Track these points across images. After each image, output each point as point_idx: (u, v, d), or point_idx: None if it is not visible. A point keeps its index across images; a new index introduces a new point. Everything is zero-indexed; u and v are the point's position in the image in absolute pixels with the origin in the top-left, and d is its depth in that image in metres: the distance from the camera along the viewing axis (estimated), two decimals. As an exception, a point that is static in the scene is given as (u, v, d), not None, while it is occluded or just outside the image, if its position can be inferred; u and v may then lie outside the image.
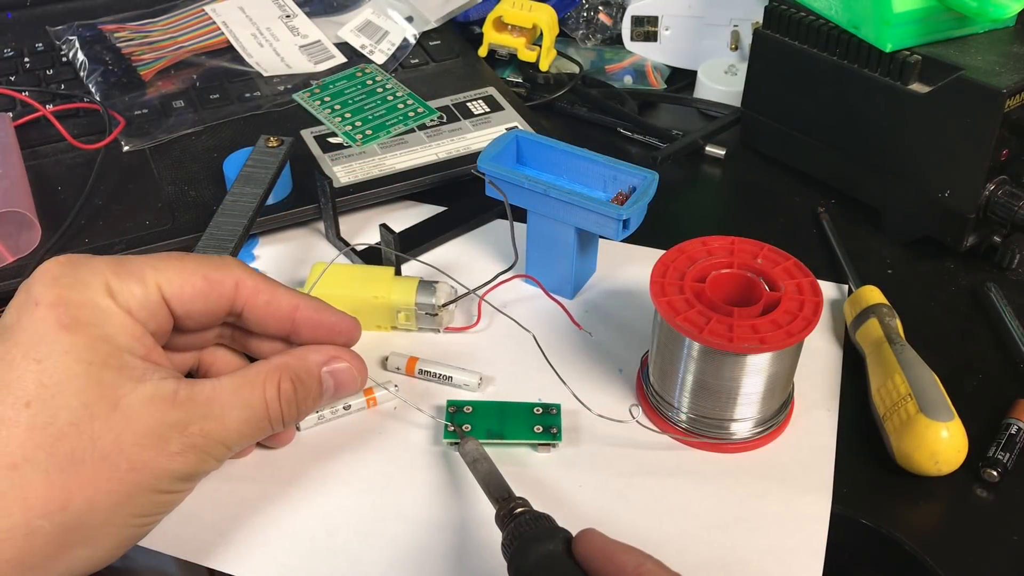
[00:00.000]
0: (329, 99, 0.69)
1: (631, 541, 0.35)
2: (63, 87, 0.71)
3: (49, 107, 0.67)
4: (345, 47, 0.76)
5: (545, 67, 0.77)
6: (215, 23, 0.76)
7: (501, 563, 0.37)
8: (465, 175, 0.63)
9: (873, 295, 0.53)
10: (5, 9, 0.80)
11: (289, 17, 0.78)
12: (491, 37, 0.77)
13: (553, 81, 0.76)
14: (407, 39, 0.76)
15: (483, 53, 0.77)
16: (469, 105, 0.70)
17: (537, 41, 0.77)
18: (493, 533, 0.39)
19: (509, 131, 0.57)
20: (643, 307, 0.55)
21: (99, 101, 0.68)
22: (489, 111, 0.69)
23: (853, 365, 0.52)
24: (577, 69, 0.78)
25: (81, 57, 0.72)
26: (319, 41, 0.76)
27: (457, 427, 0.47)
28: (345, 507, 0.44)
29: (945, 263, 0.60)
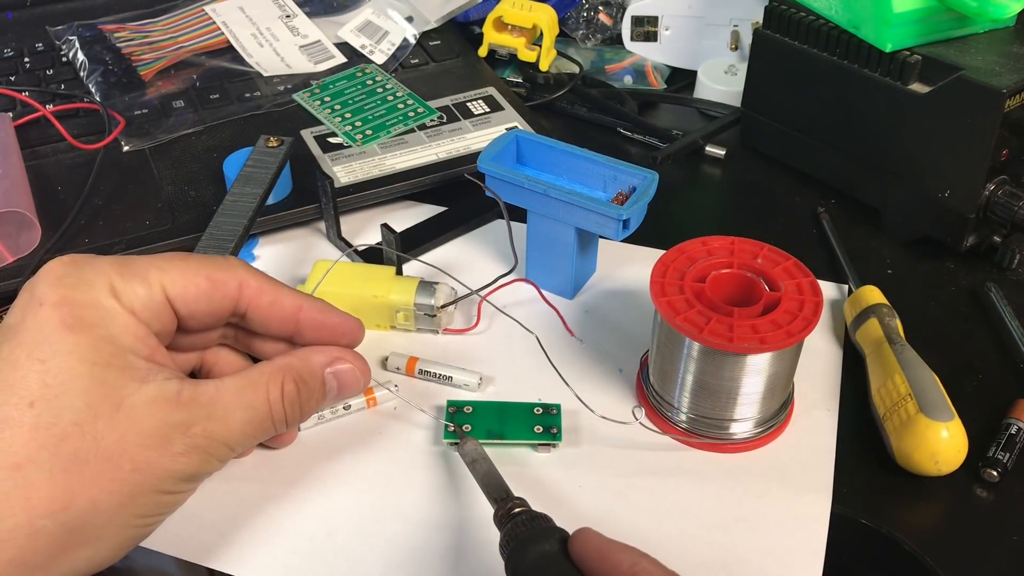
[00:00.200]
0: (329, 99, 0.69)
1: (631, 541, 0.35)
2: (63, 87, 0.71)
3: (49, 107, 0.67)
4: (345, 47, 0.76)
5: (545, 67, 0.77)
6: (215, 23, 0.76)
7: (500, 563, 0.37)
8: (466, 175, 0.63)
9: (873, 295, 0.53)
10: (5, 9, 0.80)
11: (289, 17, 0.78)
12: (491, 37, 0.77)
13: (553, 81, 0.76)
14: (407, 39, 0.76)
15: (483, 53, 0.77)
16: (469, 105, 0.70)
17: (537, 41, 0.77)
18: (492, 533, 0.39)
19: (509, 131, 0.57)
20: (643, 307, 0.55)
21: (99, 101, 0.68)
22: (489, 111, 0.69)
23: (853, 365, 0.52)
24: (577, 69, 0.78)
25: (81, 57, 0.72)
26: (319, 41, 0.76)
27: (457, 427, 0.47)
28: (345, 507, 0.44)
29: (945, 263, 0.60)
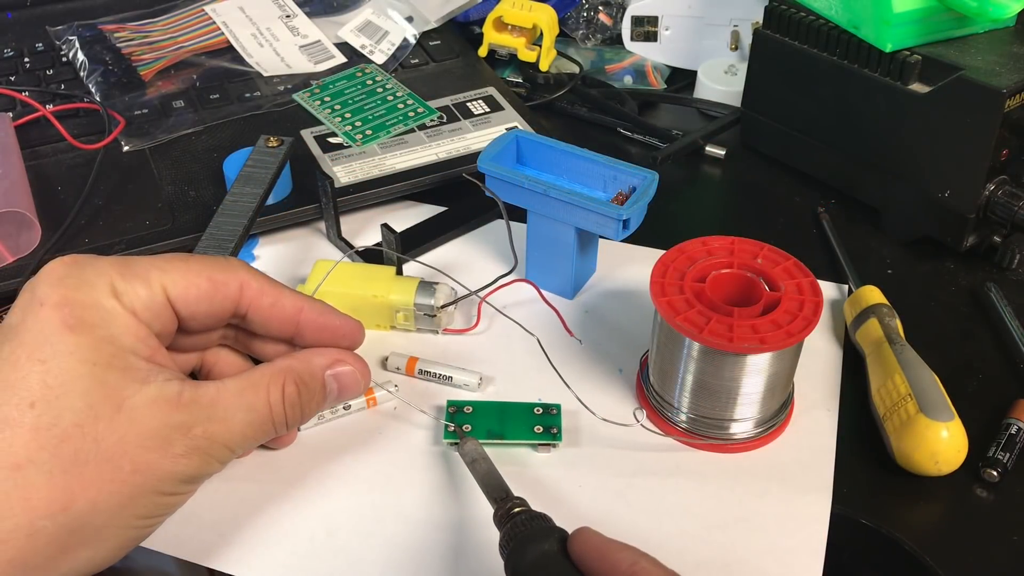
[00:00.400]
0: (329, 99, 0.69)
1: (631, 541, 0.35)
2: (63, 87, 0.71)
3: (49, 107, 0.67)
4: (345, 47, 0.76)
5: (545, 67, 0.77)
6: (215, 23, 0.76)
7: (500, 563, 0.37)
8: (466, 175, 0.63)
9: (873, 295, 0.53)
10: (5, 9, 0.80)
11: (289, 17, 0.78)
12: (491, 37, 0.77)
13: (553, 81, 0.76)
14: (407, 39, 0.76)
15: (483, 53, 0.77)
16: (469, 105, 0.70)
17: (537, 41, 0.77)
18: (492, 533, 0.39)
19: (509, 131, 0.57)
20: (643, 307, 0.55)
21: (99, 101, 0.68)
22: (489, 111, 0.69)
23: (853, 365, 0.52)
24: (577, 69, 0.78)
25: (81, 57, 0.72)
26: (319, 41, 0.76)
27: (457, 427, 0.47)
28: (345, 507, 0.44)
29: (945, 263, 0.60)
